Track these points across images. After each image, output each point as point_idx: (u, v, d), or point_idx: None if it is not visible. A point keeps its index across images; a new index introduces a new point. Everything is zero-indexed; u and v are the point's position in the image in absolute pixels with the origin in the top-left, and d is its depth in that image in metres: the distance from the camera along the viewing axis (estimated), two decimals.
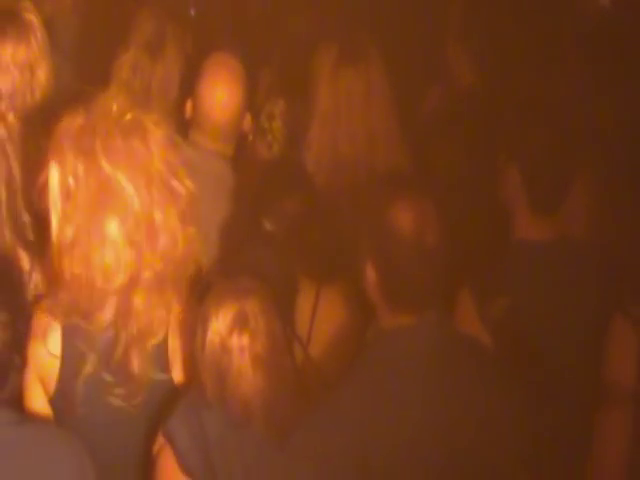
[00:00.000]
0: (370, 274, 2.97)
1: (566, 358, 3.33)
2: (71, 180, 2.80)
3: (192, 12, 4.39)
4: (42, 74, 3.52)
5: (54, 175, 2.81)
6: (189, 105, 3.85)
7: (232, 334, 2.83)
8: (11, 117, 3.32)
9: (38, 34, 3.52)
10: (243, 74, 3.87)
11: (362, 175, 3.77)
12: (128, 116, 2.85)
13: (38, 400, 2.93)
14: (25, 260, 3.14)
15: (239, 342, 2.83)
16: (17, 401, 2.88)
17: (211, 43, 4.28)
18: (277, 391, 2.86)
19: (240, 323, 2.85)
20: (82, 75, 4.39)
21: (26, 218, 3.15)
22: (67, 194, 2.81)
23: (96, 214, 2.80)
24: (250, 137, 4.00)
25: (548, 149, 3.39)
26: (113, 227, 2.80)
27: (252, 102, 4.10)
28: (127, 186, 2.80)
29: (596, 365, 3.20)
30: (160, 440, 2.86)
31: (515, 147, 3.43)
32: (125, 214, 2.80)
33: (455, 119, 4.09)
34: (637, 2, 4.53)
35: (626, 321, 3.12)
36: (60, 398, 2.90)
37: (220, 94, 3.77)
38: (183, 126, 3.91)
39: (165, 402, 2.93)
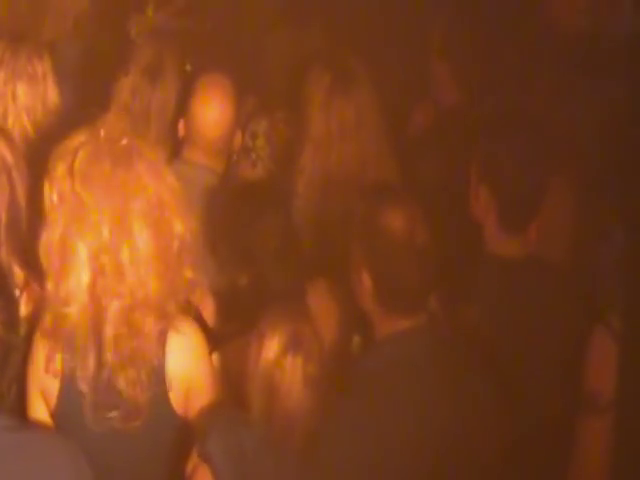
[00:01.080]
0: (366, 281, 3.04)
1: (542, 368, 3.35)
2: (55, 197, 2.82)
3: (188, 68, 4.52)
4: (52, 87, 3.84)
5: (45, 191, 2.84)
6: (181, 124, 3.94)
7: (287, 354, 2.90)
8: (19, 141, 3.44)
9: (47, 55, 3.85)
10: (234, 93, 3.96)
11: (353, 194, 3.70)
12: (124, 141, 2.84)
13: (39, 411, 2.96)
14: (20, 278, 3.14)
15: (293, 362, 2.90)
16: (20, 410, 2.97)
17: (202, 64, 4.37)
18: (321, 410, 2.92)
19: (295, 344, 2.92)
20: (83, 98, 4.46)
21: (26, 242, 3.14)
22: (50, 210, 2.84)
23: (68, 234, 2.80)
24: (234, 156, 4.07)
25: (518, 169, 3.40)
26: (80, 250, 2.79)
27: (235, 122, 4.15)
28: (98, 213, 2.78)
29: (575, 375, 3.22)
30: (194, 459, 2.89)
31: (487, 165, 3.45)
32: (92, 240, 2.78)
33: (436, 135, 4.21)
34: (614, 24, 4.67)
35: (605, 332, 3.14)
36: (61, 413, 2.93)
37: (213, 112, 3.88)
38: (178, 145, 4.00)
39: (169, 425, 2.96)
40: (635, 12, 4.63)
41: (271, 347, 2.91)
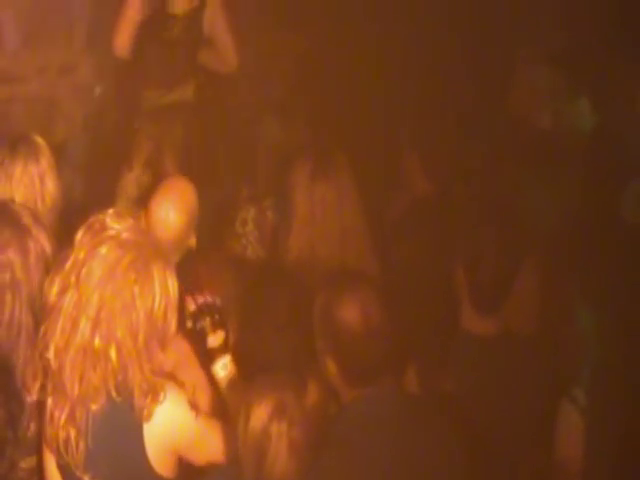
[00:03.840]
0: (331, 366, 3.19)
1: (514, 438, 3.43)
2: (73, 278, 2.96)
3: None
4: (51, 184, 3.92)
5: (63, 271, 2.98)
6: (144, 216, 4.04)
7: (272, 421, 3.04)
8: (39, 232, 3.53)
9: (46, 152, 3.96)
10: (193, 198, 3.98)
11: (335, 272, 3.85)
12: (124, 235, 2.97)
13: (50, 467, 3.14)
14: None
15: (278, 428, 3.04)
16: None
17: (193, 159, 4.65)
18: (306, 473, 3.06)
19: (279, 411, 3.05)
20: (91, 190, 4.78)
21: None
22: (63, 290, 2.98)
23: (71, 318, 2.94)
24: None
25: (489, 254, 3.49)
26: (83, 331, 2.93)
27: (229, 210, 4.42)
28: (90, 305, 2.91)
29: (545, 444, 3.33)
30: None
31: (461, 249, 3.57)
32: (86, 325, 2.92)
33: (412, 222, 4.35)
34: (573, 121, 5.02)
35: (571, 405, 3.26)
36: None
37: (166, 213, 3.90)
38: None
39: None
40: (591, 111, 5.02)
41: (259, 415, 3.05)
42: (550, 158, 4.75)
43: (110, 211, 3.03)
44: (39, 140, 3.99)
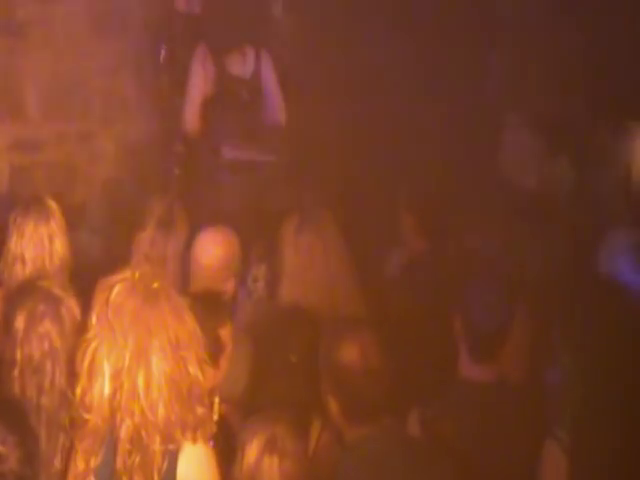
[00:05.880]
0: (333, 406, 3.33)
1: (503, 475, 3.50)
2: (94, 319, 3.01)
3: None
4: (59, 245, 4.08)
5: (91, 314, 3.05)
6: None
7: (264, 455, 3.16)
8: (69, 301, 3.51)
9: (57, 215, 4.13)
10: (235, 241, 4.26)
11: (325, 318, 4.01)
12: (155, 284, 3.01)
13: None
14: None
15: (270, 461, 3.16)
16: None
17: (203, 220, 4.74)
18: None
19: (271, 445, 3.16)
20: (109, 249, 4.96)
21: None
22: (90, 328, 3.03)
23: (99, 351, 2.99)
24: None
25: (481, 307, 3.57)
26: (105, 367, 2.97)
27: (241, 270, 4.49)
28: (124, 340, 2.95)
29: None
30: None
31: (459, 301, 3.64)
32: (116, 361, 2.97)
33: (410, 275, 4.54)
34: (555, 183, 5.24)
35: (555, 444, 3.24)
36: None
37: (208, 255, 4.16)
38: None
39: None
40: (571, 173, 5.26)
41: (251, 452, 3.17)
42: (535, 214, 4.90)
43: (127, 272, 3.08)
44: (51, 203, 4.17)
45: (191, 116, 5.64)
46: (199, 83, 5.64)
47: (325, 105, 6.24)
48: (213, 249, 4.27)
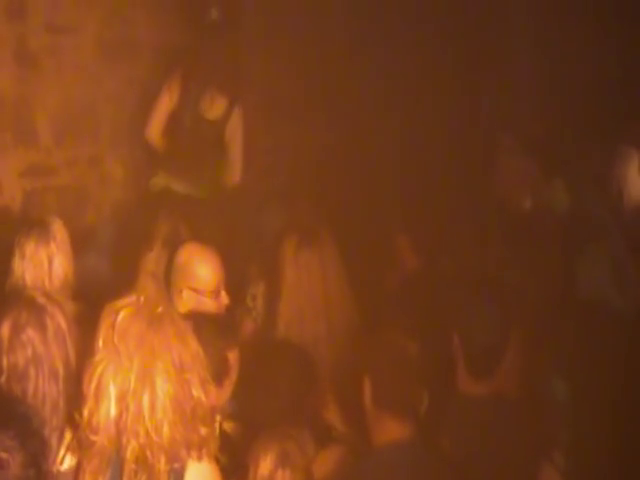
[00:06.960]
0: (367, 387, 3.48)
1: None
2: (100, 343, 3.08)
3: None
4: (59, 267, 4.16)
5: (96, 337, 3.10)
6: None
7: (277, 469, 3.33)
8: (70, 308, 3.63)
9: (58, 237, 4.20)
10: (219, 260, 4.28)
11: (321, 330, 4.33)
12: (159, 309, 3.08)
13: None
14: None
15: (283, 475, 3.32)
16: None
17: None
18: None
19: (283, 460, 3.33)
20: (117, 269, 5.03)
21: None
22: (96, 351, 3.10)
23: (105, 373, 3.05)
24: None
25: (478, 324, 3.66)
26: (111, 389, 3.04)
27: (239, 288, 4.65)
28: (129, 362, 3.01)
29: None
30: None
31: (455, 319, 3.74)
32: (121, 383, 3.03)
33: (406, 294, 4.62)
34: (550, 204, 5.25)
35: (551, 467, 3.41)
36: None
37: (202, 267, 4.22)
38: None
39: None
40: (566, 194, 5.27)
41: (265, 466, 3.34)
42: (530, 236, 4.98)
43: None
44: (54, 225, 4.25)
45: (151, 128, 5.89)
46: (165, 100, 5.88)
47: (320, 125, 6.37)
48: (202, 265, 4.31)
